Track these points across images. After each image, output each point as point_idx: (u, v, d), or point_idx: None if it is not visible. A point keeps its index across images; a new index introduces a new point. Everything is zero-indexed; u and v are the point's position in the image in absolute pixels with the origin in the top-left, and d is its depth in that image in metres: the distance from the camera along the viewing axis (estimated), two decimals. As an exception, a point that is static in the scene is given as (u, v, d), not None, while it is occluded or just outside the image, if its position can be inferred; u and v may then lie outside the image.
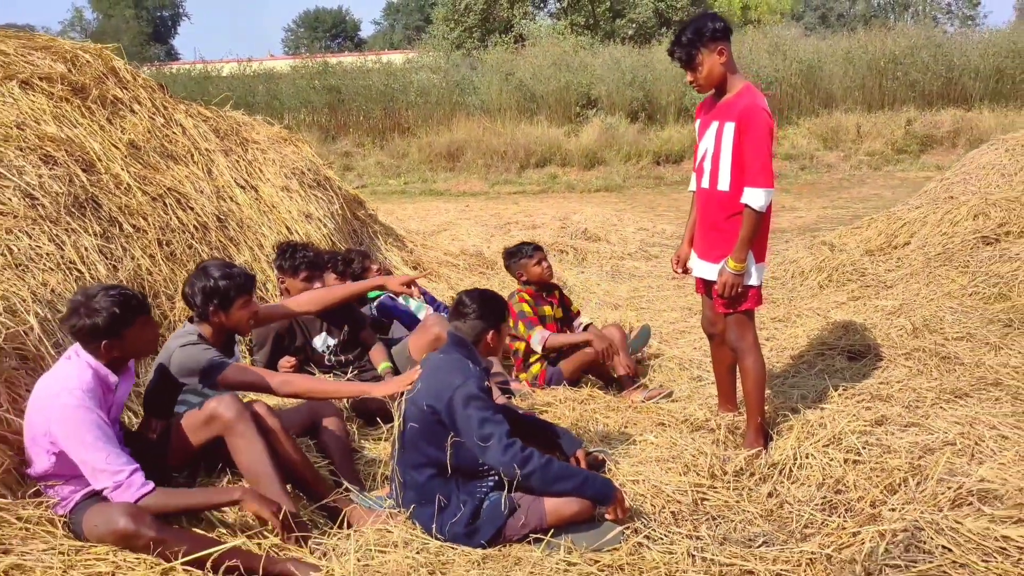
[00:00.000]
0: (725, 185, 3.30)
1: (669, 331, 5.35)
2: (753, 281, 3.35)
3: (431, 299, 5.19)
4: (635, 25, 23.74)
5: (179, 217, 4.52)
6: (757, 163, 3.18)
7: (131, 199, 4.30)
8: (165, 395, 2.98)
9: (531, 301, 4.36)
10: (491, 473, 2.81)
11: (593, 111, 16.43)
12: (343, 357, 4.06)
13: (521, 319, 4.28)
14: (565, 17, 24.26)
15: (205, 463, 3.06)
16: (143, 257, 4.09)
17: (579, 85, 16.72)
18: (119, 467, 2.44)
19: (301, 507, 2.89)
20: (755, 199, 3.18)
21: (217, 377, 2.95)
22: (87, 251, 3.76)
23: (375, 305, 4.78)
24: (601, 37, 22.26)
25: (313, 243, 4.82)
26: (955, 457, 3.01)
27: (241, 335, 3.40)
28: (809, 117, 16.43)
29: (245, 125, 5.89)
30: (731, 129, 3.24)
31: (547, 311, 4.40)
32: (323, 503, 2.92)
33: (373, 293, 4.75)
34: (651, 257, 7.96)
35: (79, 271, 3.64)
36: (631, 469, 3.24)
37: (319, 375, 3.94)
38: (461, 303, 2.99)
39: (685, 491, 3.06)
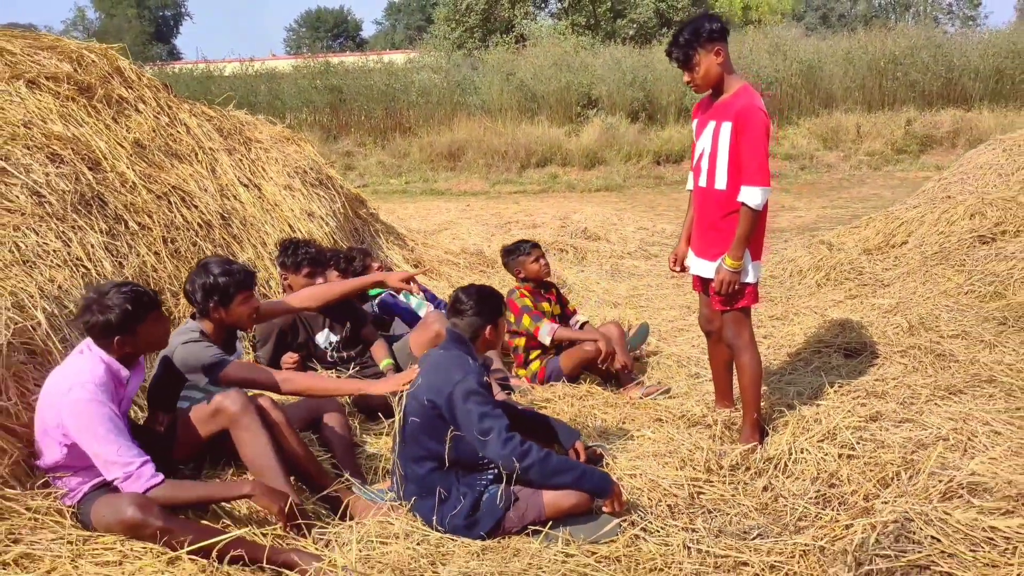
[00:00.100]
0: (722, 184, 3.35)
1: (668, 329, 5.39)
2: (750, 279, 3.39)
3: (432, 296, 5.24)
4: (636, 25, 23.79)
5: (183, 215, 4.57)
6: (754, 162, 3.23)
7: (136, 197, 4.35)
8: (169, 389, 3.04)
9: (530, 297, 4.42)
10: (491, 466, 2.86)
11: (594, 111, 16.48)
12: (345, 353, 4.11)
13: (526, 312, 4.33)
14: (566, 17, 24.30)
15: (210, 456, 3.12)
16: (148, 254, 4.14)
17: (580, 85, 16.76)
18: (130, 459, 2.49)
19: (304, 499, 2.94)
20: (752, 197, 3.23)
21: (218, 374, 3.01)
22: (93, 248, 3.81)
23: (377, 302, 4.83)
24: (602, 37, 22.31)
25: (315, 240, 4.87)
26: (947, 452, 3.05)
27: (242, 330, 3.44)
28: (809, 117, 16.47)
29: (248, 124, 5.95)
30: (728, 129, 3.28)
31: (545, 307, 4.47)
32: (325, 495, 2.97)
33: (375, 291, 4.80)
34: (651, 256, 8.01)
35: (85, 268, 3.69)
36: (629, 464, 3.29)
37: (321, 371, 3.99)
38: (458, 300, 3.04)
39: (682, 485, 3.11)
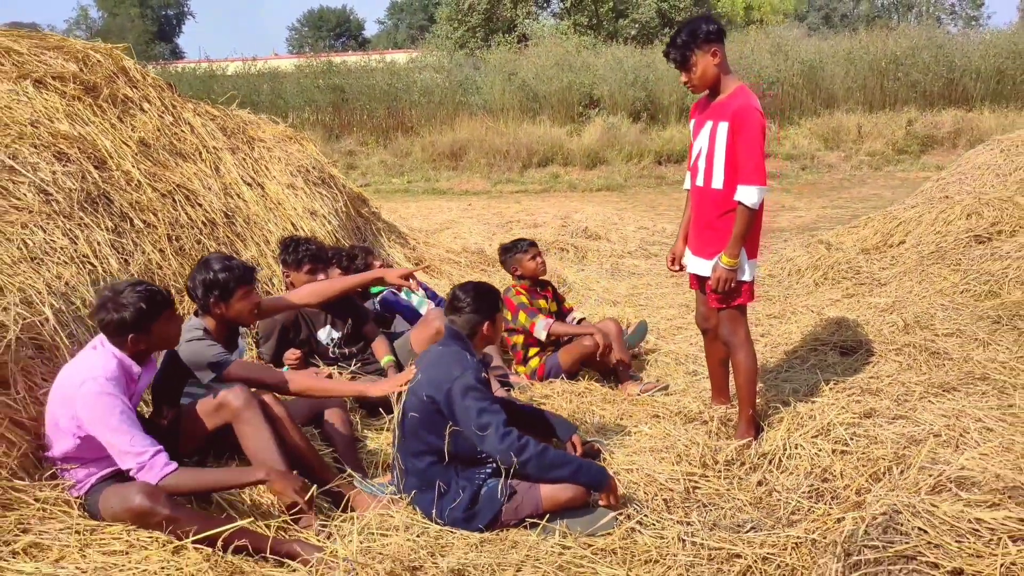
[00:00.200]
0: (719, 183, 3.39)
1: (666, 327, 5.45)
2: (746, 277, 3.44)
3: (432, 294, 5.30)
4: (638, 25, 23.82)
5: (188, 213, 4.63)
6: (751, 162, 3.28)
7: (141, 195, 4.41)
8: (174, 381, 3.09)
9: (527, 294, 4.48)
10: (489, 460, 2.91)
11: (595, 111, 16.52)
12: (347, 350, 4.17)
13: (522, 310, 4.40)
14: (568, 17, 24.34)
15: (214, 450, 3.17)
16: (153, 252, 4.20)
17: (581, 85, 16.81)
18: (143, 448, 2.54)
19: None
20: (748, 196, 3.28)
21: (221, 373, 3.07)
22: (99, 245, 3.87)
23: (378, 300, 4.88)
24: (604, 37, 22.35)
25: (317, 238, 4.93)
26: (939, 447, 3.10)
27: (244, 326, 3.50)
28: (810, 117, 16.51)
29: (251, 124, 6.01)
30: (725, 129, 3.33)
31: (542, 305, 4.53)
32: (327, 488, 3.02)
33: (376, 288, 4.86)
34: (651, 255, 8.05)
35: (92, 264, 3.75)
36: (626, 459, 3.35)
37: (323, 367, 4.05)
38: (456, 298, 3.09)
39: (677, 479, 3.16)
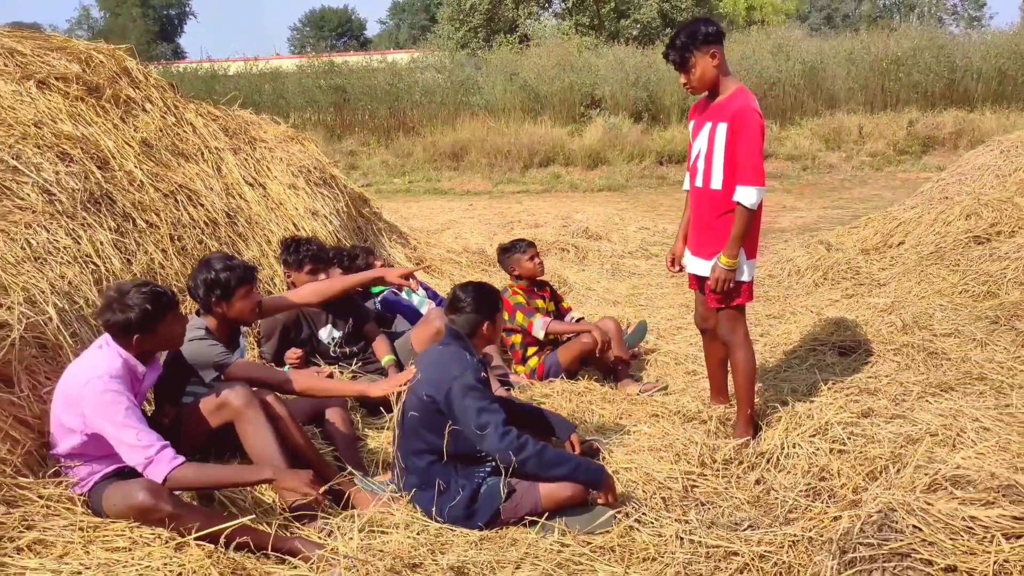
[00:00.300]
0: (718, 184, 3.41)
1: (666, 327, 5.47)
2: (745, 277, 3.46)
3: (433, 294, 5.32)
4: (639, 26, 23.83)
5: (190, 213, 4.66)
6: (749, 162, 3.30)
7: (144, 195, 4.44)
8: (177, 380, 3.12)
9: (524, 294, 4.52)
10: (489, 459, 2.93)
11: (597, 111, 16.54)
12: (348, 349, 4.19)
13: (519, 309, 4.43)
14: (570, 17, 24.34)
15: (215, 449, 3.20)
16: (156, 252, 4.23)
17: (583, 85, 16.82)
18: (150, 442, 2.56)
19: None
20: (747, 197, 3.30)
21: (222, 374, 3.10)
22: (102, 245, 3.90)
23: (379, 300, 4.91)
24: (605, 38, 22.36)
25: (318, 239, 4.96)
26: (936, 447, 3.12)
27: (245, 325, 3.53)
28: (811, 118, 16.51)
29: (253, 124, 6.04)
30: (724, 130, 3.35)
31: (539, 304, 4.56)
32: (328, 486, 3.04)
33: (377, 288, 4.88)
34: (651, 256, 8.07)
35: (95, 264, 3.78)
36: (624, 457, 3.37)
37: (324, 366, 4.07)
38: (456, 298, 3.11)
39: (676, 478, 3.18)
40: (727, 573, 2.57)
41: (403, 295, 5.00)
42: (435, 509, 2.89)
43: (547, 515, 2.84)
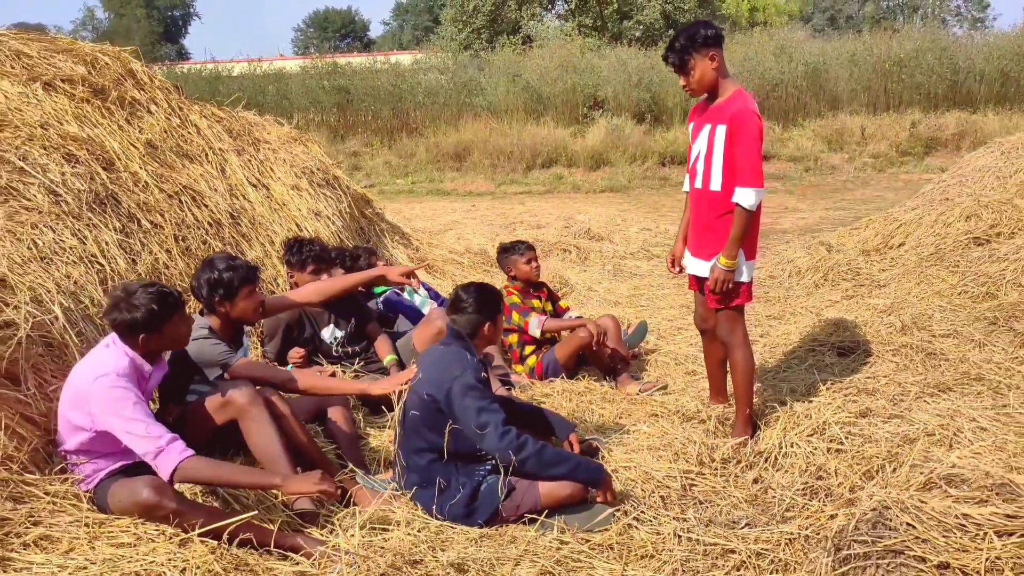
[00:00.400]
0: (717, 185, 3.44)
1: (667, 328, 5.50)
2: (744, 278, 3.49)
3: (435, 294, 5.36)
4: (642, 27, 23.87)
5: (194, 214, 4.70)
6: (748, 164, 3.32)
7: (149, 196, 4.48)
8: (181, 379, 3.16)
9: (519, 295, 4.56)
10: (489, 457, 2.96)
11: (599, 112, 16.57)
12: (350, 348, 4.23)
13: (514, 309, 4.48)
14: (573, 19, 24.40)
15: (219, 446, 3.24)
16: (160, 252, 4.27)
17: (586, 86, 16.86)
18: (160, 433, 2.58)
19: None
20: (746, 198, 3.32)
21: (225, 372, 3.13)
22: (108, 245, 3.94)
23: (382, 300, 4.95)
24: (608, 39, 22.39)
25: (321, 239, 4.99)
26: (933, 446, 3.15)
27: (248, 325, 3.56)
28: (814, 119, 16.52)
29: (256, 125, 6.08)
30: (723, 132, 3.38)
31: (536, 304, 4.60)
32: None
33: (380, 288, 4.92)
34: (653, 257, 8.10)
35: (100, 264, 3.82)
36: (624, 456, 3.40)
37: (327, 366, 4.11)
38: (458, 298, 3.14)
39: (674, 477, 3.21)
40: (724, 570, 2.59)
41: (405, 295, 5.03)
42: (436, 507, 2.92)
43: (546, 513, 2.87)
